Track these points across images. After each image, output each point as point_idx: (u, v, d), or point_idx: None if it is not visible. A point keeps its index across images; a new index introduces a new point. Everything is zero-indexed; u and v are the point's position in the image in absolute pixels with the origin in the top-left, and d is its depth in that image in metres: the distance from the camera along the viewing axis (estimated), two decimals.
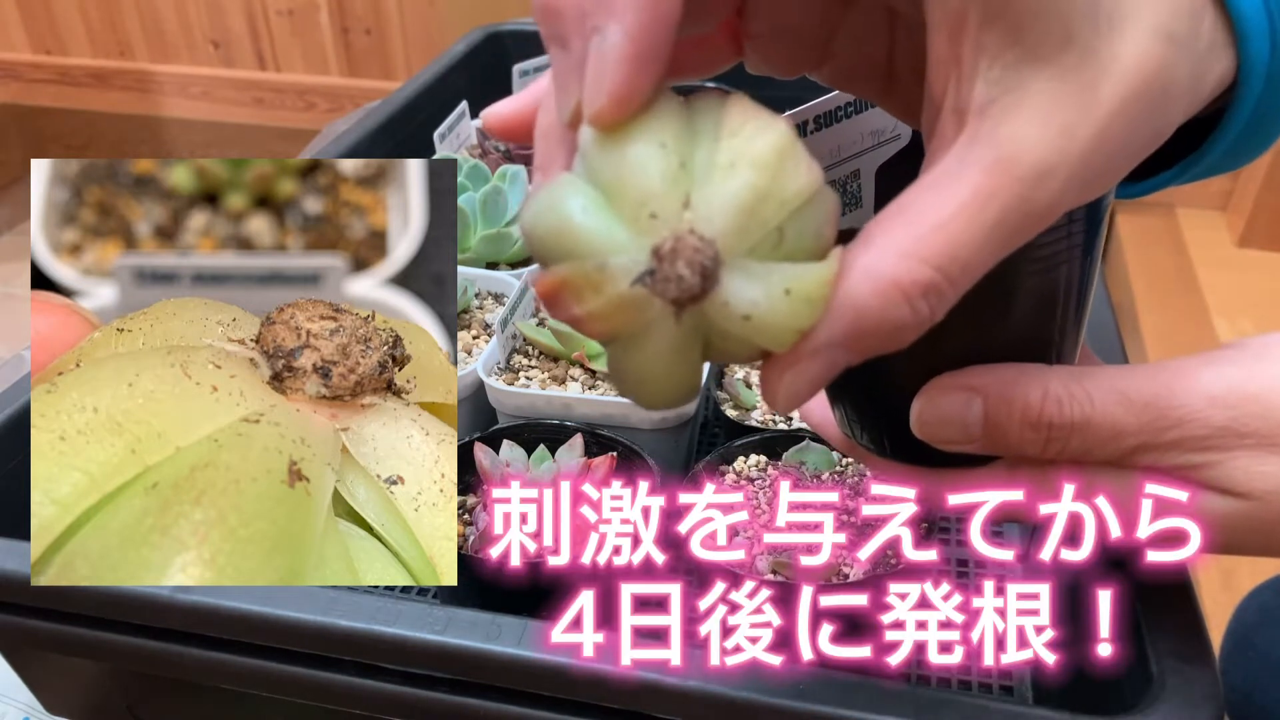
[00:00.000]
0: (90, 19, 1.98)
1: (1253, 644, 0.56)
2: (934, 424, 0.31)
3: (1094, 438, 0.30)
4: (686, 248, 0.23)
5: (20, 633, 0.43)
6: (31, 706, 0.54)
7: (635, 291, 0.23)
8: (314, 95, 1.90)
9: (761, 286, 0.24)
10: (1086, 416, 0.30)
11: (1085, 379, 0.30)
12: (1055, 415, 0.30)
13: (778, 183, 0.24)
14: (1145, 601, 0.37)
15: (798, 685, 0.34)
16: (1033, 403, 0.30)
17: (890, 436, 0.35)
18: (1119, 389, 0.30)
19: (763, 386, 0.26)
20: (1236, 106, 0.28)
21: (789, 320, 0.24)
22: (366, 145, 0.80)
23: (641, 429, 0.52)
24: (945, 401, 0.31)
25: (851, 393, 0.35)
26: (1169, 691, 0.34)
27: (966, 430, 0.31)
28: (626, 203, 0.23)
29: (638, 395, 0.26)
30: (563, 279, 0.24)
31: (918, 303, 0.24)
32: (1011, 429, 0.31)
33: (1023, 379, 0.30)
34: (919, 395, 0.32)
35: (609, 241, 0.23)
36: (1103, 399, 0.30)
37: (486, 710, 0.38)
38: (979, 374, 0.31)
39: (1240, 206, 1.49)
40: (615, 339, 0.25)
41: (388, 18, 1.80)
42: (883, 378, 0.33)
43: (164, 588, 0.39)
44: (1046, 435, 0.30)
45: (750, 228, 0.23)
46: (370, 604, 0.38)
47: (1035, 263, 0.30)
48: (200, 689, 0.44)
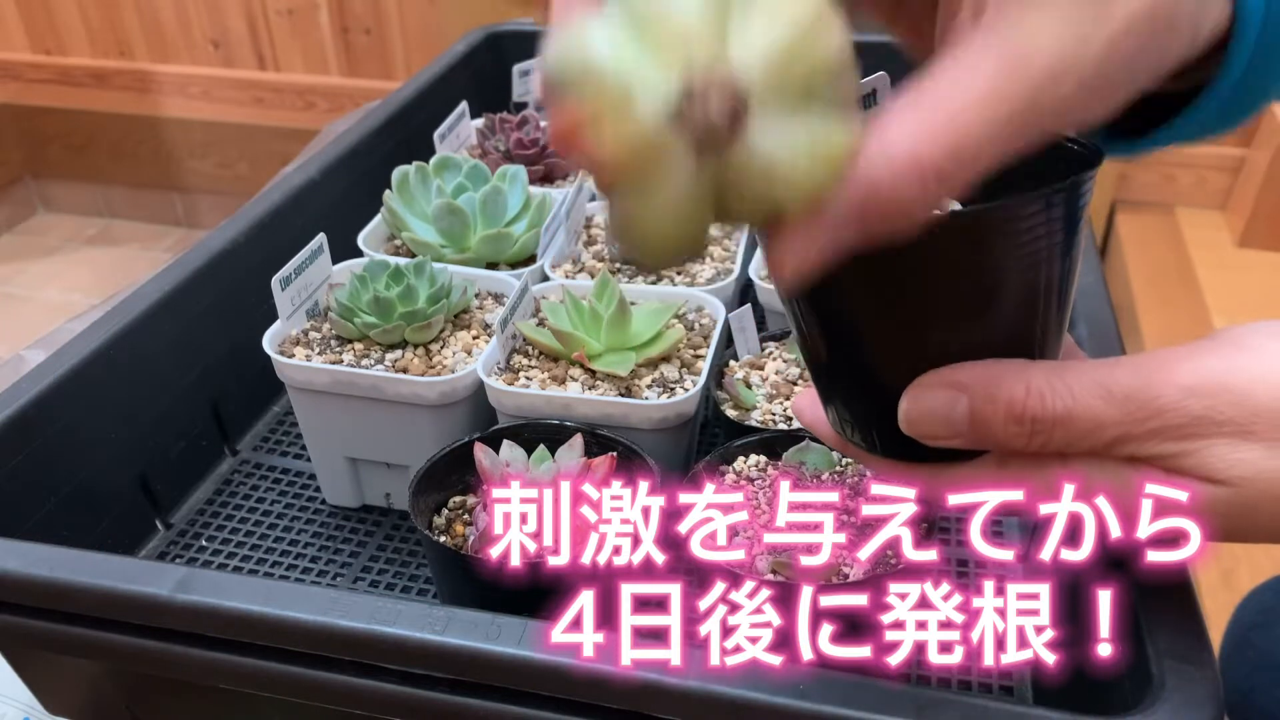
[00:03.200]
0: (90, 19, 1.97)
1: (1252, 644, 0.56)
2: (920, 421, 0.32)
3: (1076, 430, 0.31)
4: (719, 88, 0.22)
5: (20, 633, 0.43)
6: (31, 706, 0.54)
7: (659, 128, 0.23)
8: (314, 95, 1.90)
9: (787, 141, 0.24)
10: (1068, 409, 0.30)
11: (1066, 373, 0.31)
12: (1038, 409, 0.31)
13: (814, 42, 0.23)
14: (1145, 601, 0.37)
15: (798, 685, 0.34)
16: (1016, 398, 0.31)
17: (880, 434, 0.35)
18: (1100, 382, 0.31)
19: (769, 258, 0.27)
20: (1231, 57, 0.29)
21: (808, 179, 0.24)
22: (367, 145, 0.80)
23: (641, 429, 0.52)
24: (930, 399, 0.32)
25: (841, 391, 0.36)
26: (1169, 691, 0.34)
27: (952, 426, 0.32)
28: (660, 36, 0.23)
29: (643, 247, 0.26)
30: (584, 112, 0.23)
31: (929, 184, 0.25)
32: (996, 424, 0.31)
33: (1007, 374, 0.31)
34: (905, 393, 0.32)
35: (637, 77, 0.23)
36: (1084, 392, 0.31)
37: (486, 710, 0.38)
38: (963, 370, 0.31)
39: (1240, 206, 1.49)
40: (628, 184, 0.24)
41: (388, 18, 1.80)
42: (870, 375, 0.34)
43: (164, 587, 0.39)
44: (1030, 429, 0.31)
45: (783, 81, 0.23)
46: (370, 604, 0.38)
47: (1019, 261, 0.30)
48: (200, 689, 0.44)
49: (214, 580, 0.40)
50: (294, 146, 1.30)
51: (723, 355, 0.60)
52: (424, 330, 0.57)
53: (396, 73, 1.85)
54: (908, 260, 0.29)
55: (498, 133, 0.80)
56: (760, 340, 0.60)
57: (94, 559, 0.41)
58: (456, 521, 0.50)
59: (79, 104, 2.08)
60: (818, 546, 0.45)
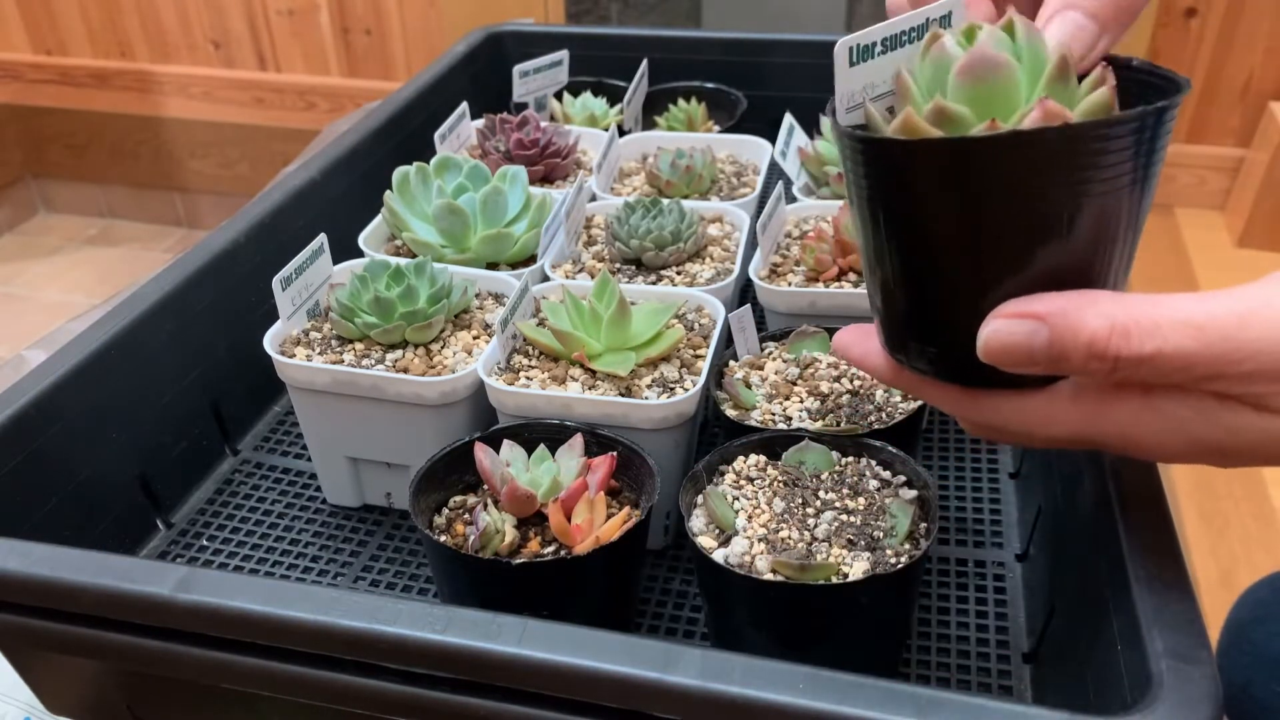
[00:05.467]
0: (90, 19, 1.98)
1: (1249, 639, 0.57)
2: (999, 351, 0.32)
3: (1163, 368, 0.31)
4: None
5: (20, 633, 0.43)
6: (32, 706, 0.54)
7: None
8: (314, 95, 1.90)
9: None
10: (1157, 349, 0.30)
11: (1151, 309, 0.31)
12: (1121, 346, 0.31)
13: None
14: (1145, 601, 0.37)
15: (798, 685, 0.34)
16: (1099, 334, 0.31)
17: (947, 358, 0.36)
18: (1190, 321, 0.31)
19: None
20: None
21: None
22: (367, 145, 0.80)
23: (641, 429, 0.52)
24: (1011, 328, 0.32)
25: (909, 312, 0.36)
26: (1168, 691, 0.34)
27: (1032, 356, 0.32)
28: None
29: None
30: None
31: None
32: (1076, 357, 0.31)
33: (1089, 307, 0.31)
34: (985, 322, 0.33)
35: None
36: (1173, 331, 0.30)
37: (486, 710, 0.38)
38: (1044, 300, 0.32)
39: (1240, 207, 1.49)
40: None
41: (388, 18, 1.80)
42: (946, 293, 0.35)
43: (164, 587, 0.39)
44: (1113, 365, 0.31)
45: None
46: (370, 604, 0.38)
47: (1104, 182, 0.31)
48: (201, 688, 0.44)
49: (214, 580, 0.40)
50: (294, 147, 1.30)
51: (723, 355, 0.60)
52: (424, 330, 0.57)
53: (397, 73, 1.85)
54: (1000, 169, 0.31)
55: (498, 133, 0.80)
56: (760, 340, 0.60)
57: (95, 558, 0.41)
58: (457, 521, 0.50)
59: (80, 104, 2.08)
60: (818, 546, 0.46)
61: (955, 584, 0.54)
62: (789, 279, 0.65)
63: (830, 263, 0.64)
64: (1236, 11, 1.42)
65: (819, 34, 0.94)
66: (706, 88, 0.95)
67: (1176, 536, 0.40)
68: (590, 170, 0.79)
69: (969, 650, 0.50)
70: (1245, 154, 1.50)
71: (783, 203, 0.68)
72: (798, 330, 0.60)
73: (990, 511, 0.59)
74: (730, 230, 0.71)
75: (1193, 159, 1.53)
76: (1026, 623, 0.51)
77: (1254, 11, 1.42)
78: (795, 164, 0.77)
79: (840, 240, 0.63)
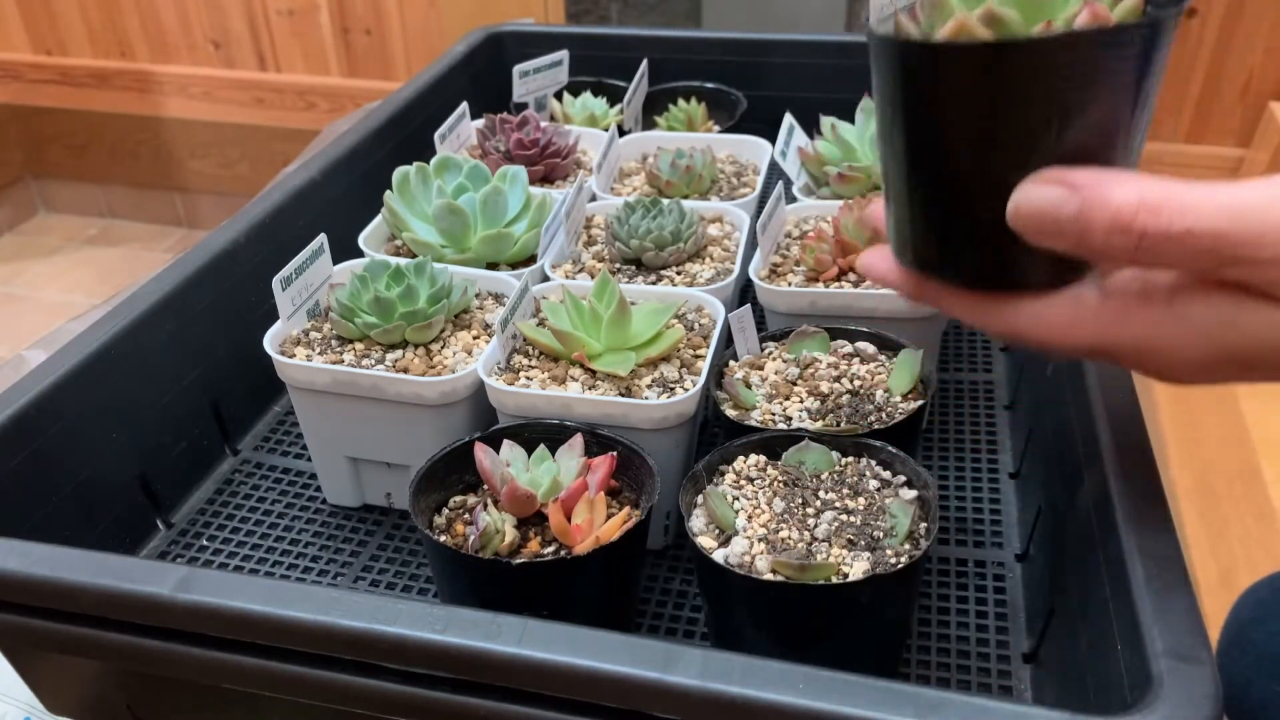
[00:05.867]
0: (90, 19, 1.97)
1: (1249, 638, 0.57)
2: (1029, 216, 0.33)
3: (1194, 247, 0.30)
4: None
5: (20, 633, 0.43)
6: (32, 706, 0.54)
7: None
8: (314, 95, 1.90)
9: None
10: (1188, 228, 0.30)
11: (1185, 190, 0.31)
12: (1149, 223, 0.31)
13: None
14: (1145, 601, 0.37)
15: (798, 685, 0.34)
16: (1126, 206, 0.31)
17: (971, 260, 0.37)
18: (1222, 202, 0.30)
19: None
20: None
21: None
22: (367, 145, 0.80)
23: (641, 429, 0.52)
24: (1043, 193, 0.33)
25: (933, 214, 0.37)
26: (1168, 691, 0.34)
27: (1059, 224, 0.32)
28: None
29: None
30: None
31: None
32: (1099, 229, 0.31)
33: (1122, 183, 0.31)
34: (1019, 187, 0.33)
35: None
36: (1205, 210, 0.30)
37: (486, 710, 0.38)
38: (1078, 172, 0.32)
39: None
40: None
41: (388, 18, 1.80)
42: (971, 188, 0.36)
43: (165, 587, 0.39)
44: (1136, 241, 0.31)
45: None
46: (370, 604, 0.38)
47: (1134, 79, 0.33)
48: (201, 688, 0.44)
49: (215, 580, 0.40)
50: (294, 147, 1.30)
51: (722, 355, 0.60)
52: (424, 330, 0.57)
53: (397, 73, 1.85)
54: (1053, 68, 0.32)
55: (498, 133, 0.80)
56: (760, 340, 0.60)
57: (95, 558, 0.41)
58: (457, 521, 0.50)
59: (80, 104, 2.08)
60: (818, 546, 0.46)
61: (955, 584, 0.54)
62: (789, 279, 0.65)
63: (830, 263, 0.64)
64: (1236, 11, 1.42)
65: (819, 34, 0.93)
66: (706, 88, 0.95)
67: (1176, 536, 0.40)
68: (590, 170, 0.79)
69: (969, 650, 0.50)
70: (1245, 154, 1.50)
71: (783, 203, 0.68)
72: (798, 330, 0.60)
73: (990, 511, 0.59)
74: (730, 230, 0.71)
75: (1193, 159, 1.53)
76: (1026, 623, 0.51)
77: (1254, 11, 1.42)
78: (795, 164, 0.77)
79: (840, 240, 0.63)
